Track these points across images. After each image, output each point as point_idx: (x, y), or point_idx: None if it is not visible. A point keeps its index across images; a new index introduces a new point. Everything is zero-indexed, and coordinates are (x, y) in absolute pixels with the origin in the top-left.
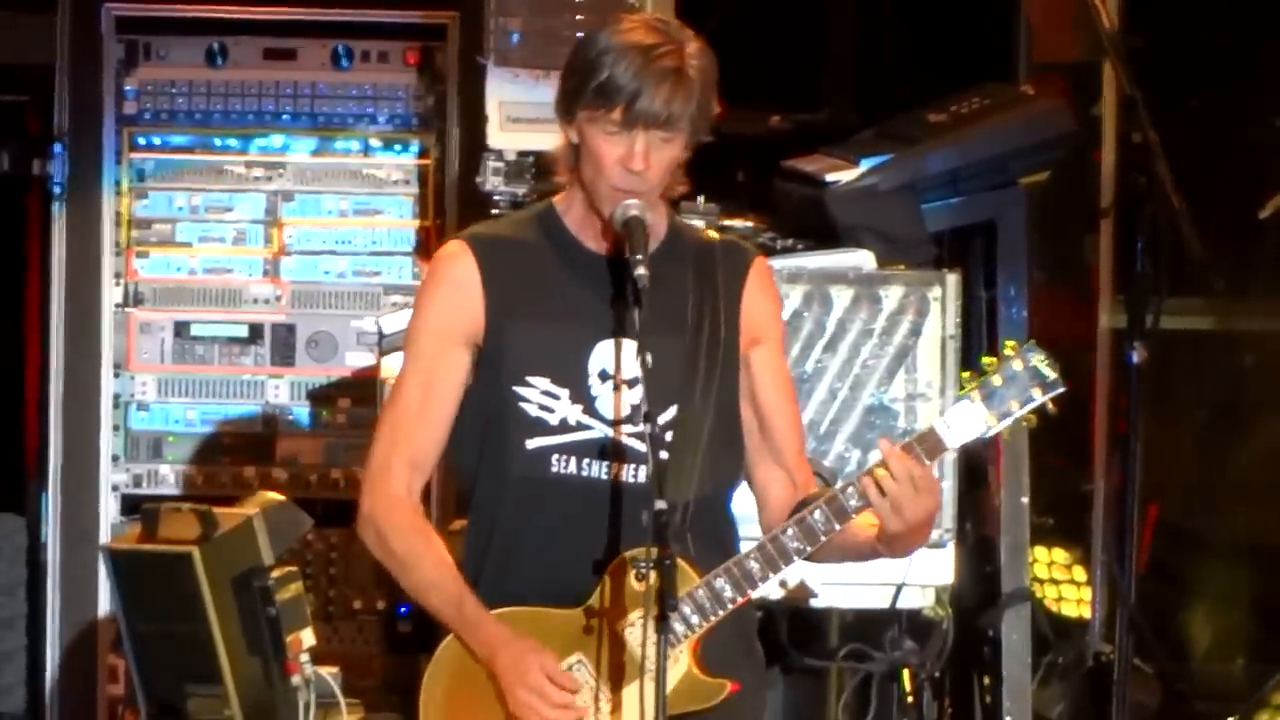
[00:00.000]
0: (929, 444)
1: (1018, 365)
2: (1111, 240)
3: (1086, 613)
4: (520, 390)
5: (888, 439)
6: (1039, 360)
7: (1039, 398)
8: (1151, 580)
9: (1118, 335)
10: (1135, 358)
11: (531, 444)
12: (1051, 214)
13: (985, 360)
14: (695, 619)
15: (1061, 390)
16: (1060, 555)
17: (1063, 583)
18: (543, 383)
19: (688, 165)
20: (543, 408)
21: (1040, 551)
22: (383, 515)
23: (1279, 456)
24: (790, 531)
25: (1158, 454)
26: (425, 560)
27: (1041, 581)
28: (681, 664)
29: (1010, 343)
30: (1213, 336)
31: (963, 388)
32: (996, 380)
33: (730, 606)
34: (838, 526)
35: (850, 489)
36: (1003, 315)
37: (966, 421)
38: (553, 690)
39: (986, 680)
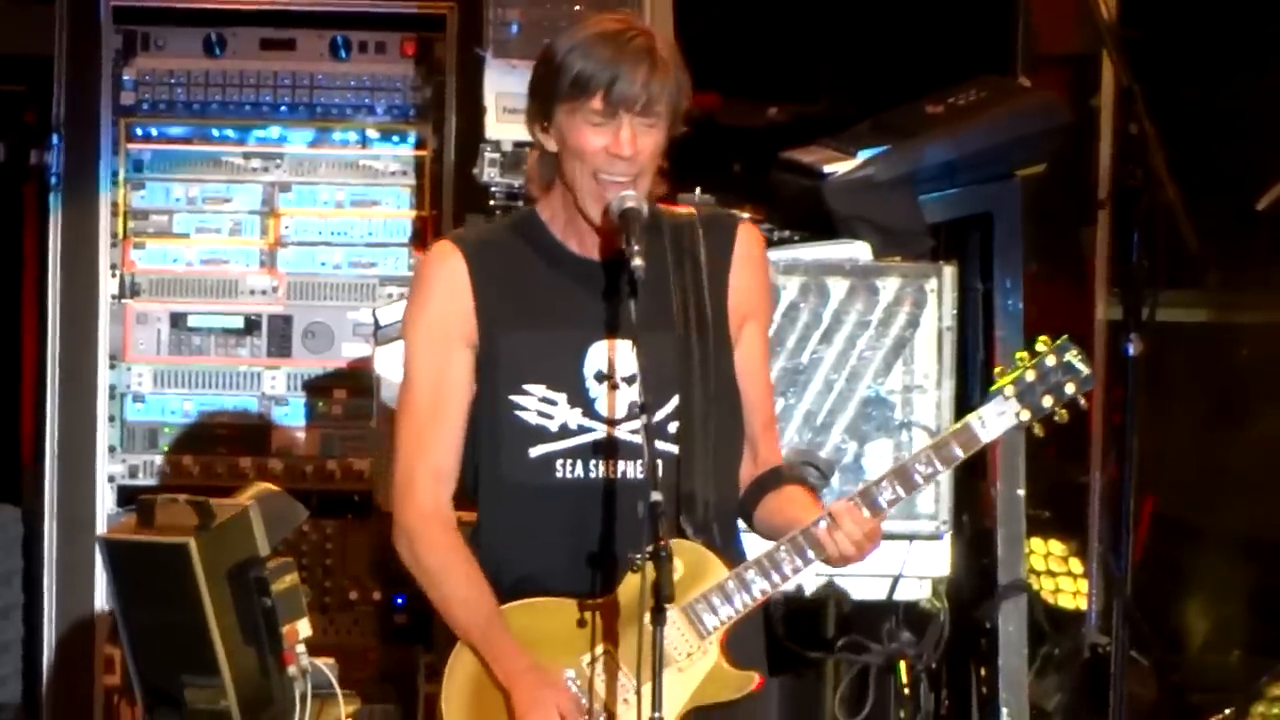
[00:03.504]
0: (964, 439)
1: (1051, 360)
2: (1108, 232)
3: (1083, 604)
4: (517, 399)
5: (841, 501)
6: (1073, 355)
7: (1072, 392)
8: (1148, 572)
9: (1114, 327)
10: (1131, 350)
11: (535, 452)
12: (1048, 206)
13: (1019, 355)
14: (725, 610)
15: (1093, 386)
16: (1057, 547)
17: (1059, 574)
18: (539, 389)
19: (683, 157)
20: (542, 414)
21: (1037, 543)
22: (414, 529)
23: (1275, 448)
24: (823, 524)
25: (1154, 446)
26: (454, 576)
27: (1038, 573)
28: (710, 655)
29: (1043, 338)
30: (1209, 328)
31: (996, 382)
32: (1030, 375)
33: (760, 598)
34: (865, 513)
35: (884, 483)
36: (999, 307)
37: (1000, 416)
38: None
39: (983, 672)
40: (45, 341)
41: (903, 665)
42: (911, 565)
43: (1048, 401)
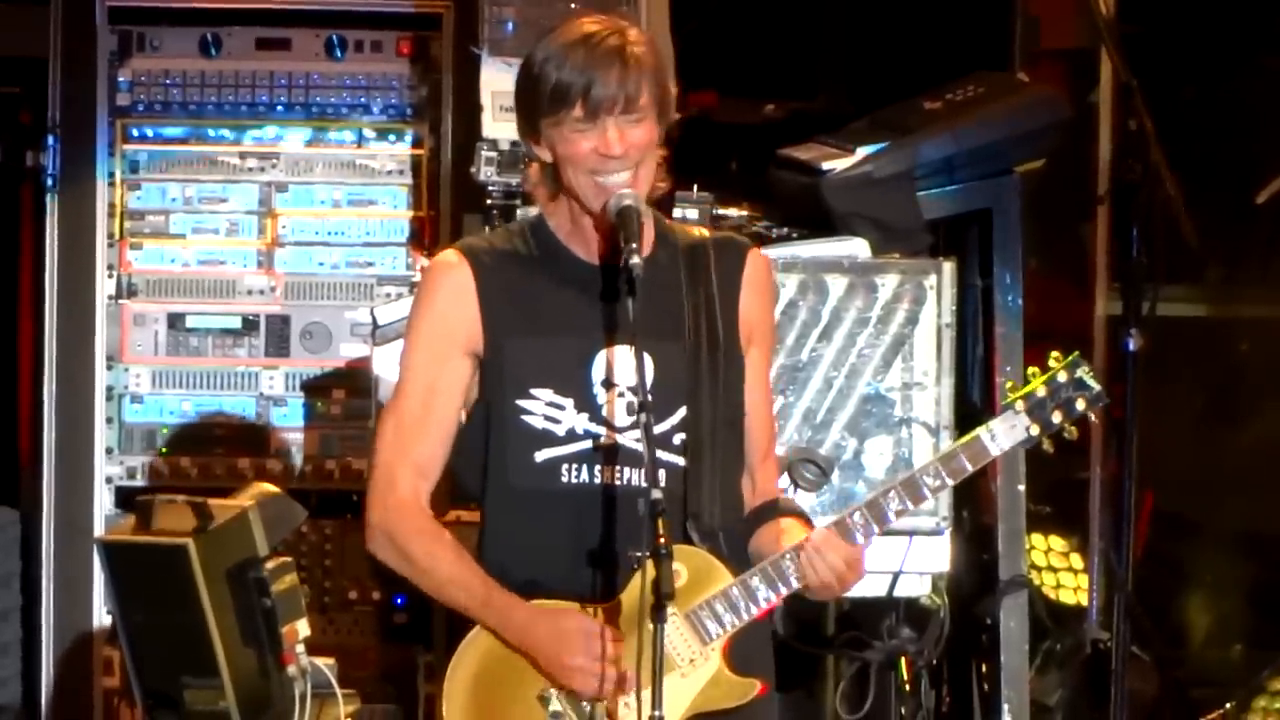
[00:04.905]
0: (973, 451)
1: (1063, 376)
2: (1107, 228)
3: (1084, 600)
4: (524, 403)
5: (820, 531)
6: (1084, 371)
7: (1082, 408)
8: (1148, 567)
9: (1114, 322)
10: (1131, 345)
11: (541, 456)
12: (1047, 202)
13: (1030, 370)
14: (729, 618)
15: (1106, 402)
16: (1057, 543)
17: (1060, 570)
18: (546, 394)
19: (680, 155)
20: (549, 419)
21: (1037, 539)
22: (393, 522)
23: (1275, 443)
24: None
25: (1154, 441)
26: (443, 557)
27: (1039, 569)
28: (712, 662)
29: (1055, 353)
30: (1209, 323)
31: (1007, 396)
32: (1041, 391)
33: (764, 605)
34: (876, 529)
35: (891, 494)
36: (999, 303)
37: (1010, 430)
38: (599, 649)
39: (984, 668)
40: (42, 343)
41: (903, 662)
42: (912, 561)
43: (1058, 417)
